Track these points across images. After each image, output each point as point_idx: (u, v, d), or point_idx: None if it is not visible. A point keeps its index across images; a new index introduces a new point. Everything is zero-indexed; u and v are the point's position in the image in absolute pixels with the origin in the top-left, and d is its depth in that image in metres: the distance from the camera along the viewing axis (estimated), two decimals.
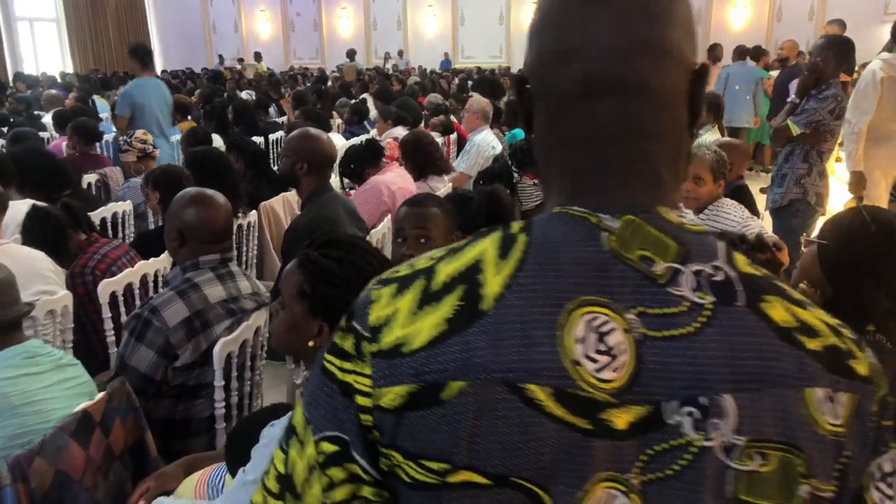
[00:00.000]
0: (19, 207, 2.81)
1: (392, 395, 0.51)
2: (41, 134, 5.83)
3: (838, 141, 3.81)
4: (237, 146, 3.48)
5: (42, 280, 2.08)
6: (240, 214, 3.01)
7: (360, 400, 0.52)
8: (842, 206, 3.83)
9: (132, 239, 3.24)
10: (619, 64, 0.53)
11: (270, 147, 5.71)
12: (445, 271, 0.54)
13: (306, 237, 2.44)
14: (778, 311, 0.51)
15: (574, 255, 0.51)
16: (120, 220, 3.31)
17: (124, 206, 3.33)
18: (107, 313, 2.19)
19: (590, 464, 0.49)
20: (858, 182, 3.66)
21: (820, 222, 3.30)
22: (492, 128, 4.96)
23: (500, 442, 0.49)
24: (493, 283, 0.51)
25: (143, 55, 5.00)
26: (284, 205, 3.51)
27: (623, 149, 0.54)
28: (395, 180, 3.30)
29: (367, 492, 0.53)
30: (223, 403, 1.77)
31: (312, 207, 2.46)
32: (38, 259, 2.13)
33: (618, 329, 0.50)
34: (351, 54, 14.12)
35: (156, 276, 2.40)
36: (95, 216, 3.09)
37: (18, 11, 14.34)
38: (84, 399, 1.48)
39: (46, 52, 15.47)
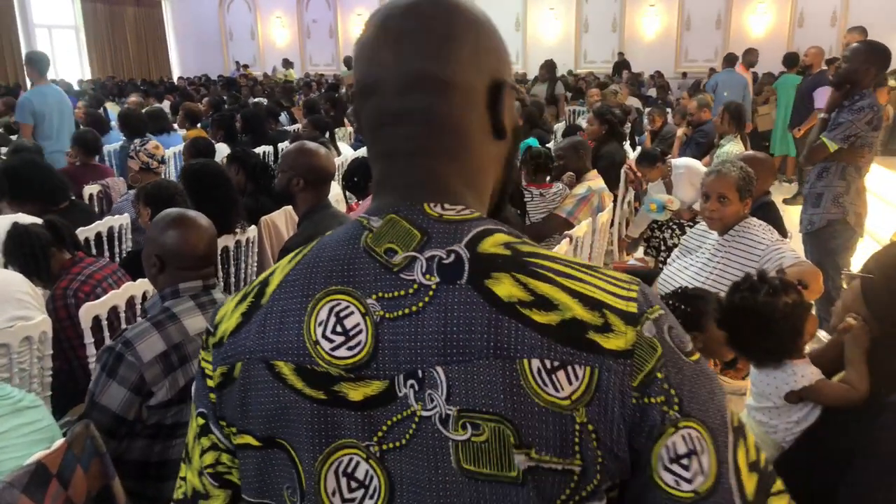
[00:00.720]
0: (7, 223, 2.70)
1: (217, 376, 0.62)
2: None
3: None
4: (238, 158, 3.35)
5: (17, 304, 1.96)
6: (238, 230, 2.88)
7: (209, 382, 0.63)
8: (890, 234, 3.58)
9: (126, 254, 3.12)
10: (400, 98, 0.59)
11: (279, 156, 5.60)
12: (260, 277, 0.64)
13: None
14: (504, 287, 0.53)
15: (334, 254, 0.59)
16: (116, 235, 3.19)
17: (121, 220, 3.21)
18: (89, 338, 2.07)
19: (329, 431, 0.55)
20: None
21: (860, 245, 3.09)
22: None
23: (261, 409, 0.58)
24: (273, 282, 0.61)
25: (40, 62, 4.79)
26: (287, 219, 3.37)
27: (406, 166, 0.60)
28: None
29: (224, 458, 0.64)
30: None
31: (307, 226, 2.32)
32: (14, 282, 2.00)
33: (356, 313, 0.56)
34: (348, 62, 13.67)
35: (143, 297, 2.27)
36: (91, 230, 2.98)
37: (37, 19, 14.44)
38: (43, 446, 1.35)
39: (65, 60, 15.58)
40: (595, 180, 3.30)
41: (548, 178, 3.22)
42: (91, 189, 3.94)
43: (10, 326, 1.87)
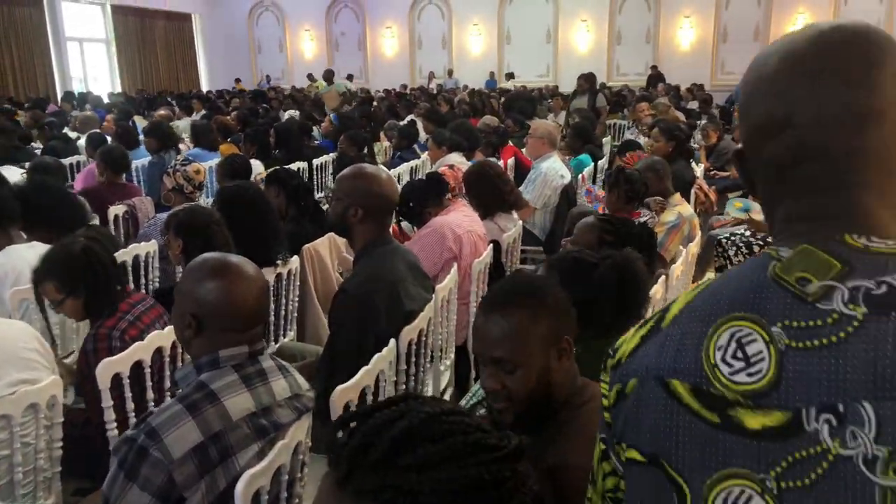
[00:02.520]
0: (22, 254, 2.38)
1: (612, 396, 0.66)
2: (75, 158, 5.51)
3: None
4: (278, 179, 3.01)
5: (22, 365, 1.60)
6: (279, 262, 2.52)
7: (604, 402, 0.67)
8: None
9: (152, 290, 2.77)
10: (821, 130, 0.57)
11: (315, 174, 5.27)
12: (663, 308, 0.67)
13: (359, 304, 1.93)
14: None
15: (738, 284, 0.59)
16: (142, 264, 2.85)
17: (148, 248, 2.87)
18: (107, 402, 1.70)
19: (719, 456, 0.55)
20: None
21: None
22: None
23: (651, 426, 0.60)
24: (675, 308, 0.64)
25: None
26: (330, 246, 3.01)
27: (825, 200, 0.59)
28: (462, 221, 2.77)
29: (622, 485, 0.66)
30: None
31: (366, 264, 1.95)
32: (19, 337, 1.65)
33: (759, 340, 0.55)
34: (329, 76, 11.09)
35: (173, 348, 1.91)
36: None
37: (69, 32, 14.46)
38: None
39: (96, 73, 15.60)
40: (683, 205, 2.90)
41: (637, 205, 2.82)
42: (116, 210, 3.62)
43: (11, 393, 1.53)
